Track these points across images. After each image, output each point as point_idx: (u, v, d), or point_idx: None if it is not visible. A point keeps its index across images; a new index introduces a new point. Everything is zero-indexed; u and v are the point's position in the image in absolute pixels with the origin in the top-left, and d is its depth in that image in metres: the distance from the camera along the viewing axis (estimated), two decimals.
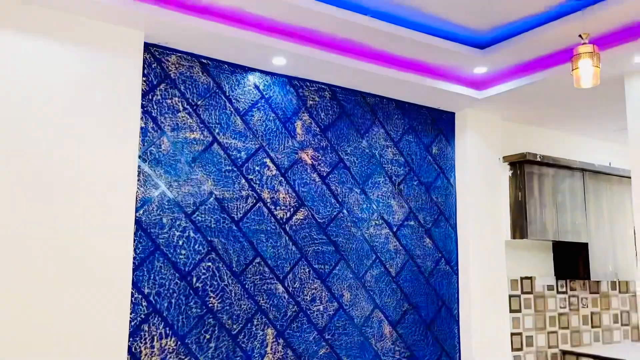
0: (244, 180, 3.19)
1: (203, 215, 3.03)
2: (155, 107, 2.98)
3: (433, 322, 3.80)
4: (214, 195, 3.08)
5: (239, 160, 3.19)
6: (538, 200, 4.15)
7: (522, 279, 4.37)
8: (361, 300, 3.51)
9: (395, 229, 3.72)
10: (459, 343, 3.90)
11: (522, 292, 4.36)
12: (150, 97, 2.98)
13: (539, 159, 4.12)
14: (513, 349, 4.18)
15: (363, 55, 3.33)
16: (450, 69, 3.60)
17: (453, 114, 4.14)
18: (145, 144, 2.92)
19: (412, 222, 3.81)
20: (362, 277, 3.53)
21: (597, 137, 4.89)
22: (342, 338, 3.39)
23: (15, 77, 2.52)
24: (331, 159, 3.52)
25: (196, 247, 2.99)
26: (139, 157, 2.87)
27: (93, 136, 2.68)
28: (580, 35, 2.82)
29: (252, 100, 3.28)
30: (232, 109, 3.20)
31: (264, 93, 3.34)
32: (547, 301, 4.50)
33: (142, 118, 2.91)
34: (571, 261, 4.48)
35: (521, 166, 4.15)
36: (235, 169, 3.17)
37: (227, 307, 3.04)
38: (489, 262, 3.99)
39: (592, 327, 4.78)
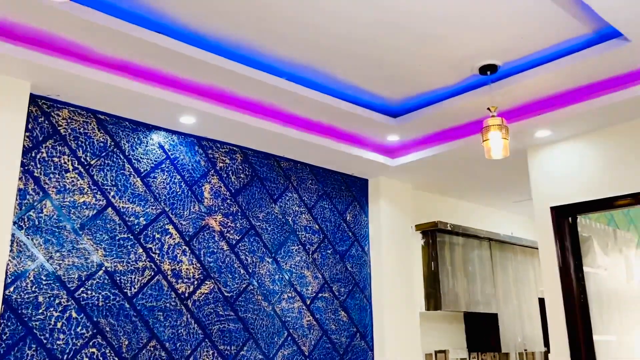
0: (141, 250, 2.83)
1: (89, 292, 2.61)
2: (38, 166, 2.59)
3: None
4: (103, 268, 2.68)
5: (137, 226, 2.84)
6: (450, 270, 4.12)
7: (436, 352, 4.29)
8: None
9: (308, 302, 3.49)
10: None
11: None
12: (33, 155, 2.59)
13: (449, 228, 4.14)
14: None
15: (277, 117, 3.19)
16: (363, 136, 3.57)
17: (366, 180, 4.09)
18: (23, 208, 2.50)
19: (326, 294, 3.60)
20: (273, 358, 3.22)
21: (501, 208, 5.04)
22: None
23: None
24: (241, 226, 3.28)
25: (78, 329, 2.54)
26: (14, 223, 2.43)
27: None
28: (488, 109, 2.85)
29: (155, 161, 2.99)
30: (131, 170, 2.88)
31: (170, 153, 3.06)
32: None
33: (21, 178, 2.50)
34: (482, 332, 4.48)
35: (433, 235, 4.13)
36: (131, 236, 2.81)
37: None
38: (404, 336, 3.86)
39: None
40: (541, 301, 4.78)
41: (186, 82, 2.77)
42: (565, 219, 3.14)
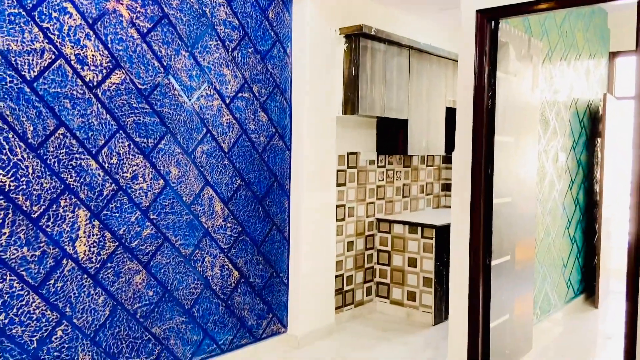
0: (37, 29, 2.48)
1: None
2: None
3: (265, 197, 3.72)
4: None
5: (29, 3, 2.43)
6: (369, 76, 4.11)
7: (348, 154, 4.45)
8: (190, 177, 3.21)
9: (228, 101, 3.39)
10: (289, 217, 3.91)
11: (348, 167, 4.46)
12: None
13: (373, 33, 4.01)
14: (337, 220, 4.31)
15: None
16: None
17: None
18: None
19: (246, 94, 3.50)
20: (192, 152, 3.21)
21: (425, 16, 4.90)
22: (169, 217, 3.12)
23: None
24: (152, 13, 2.96)
25: None
26: None
27: None
28: None
29: None
30: None
31: None
32: (368, 175, 4.68)
33: None
34: (392, 137, 4.65)
35: (357, 39, 4.01)
36: (23, 12, 2.42)
37: (24, 187, 2.47)
38: (321, 138, 3.96)
39: (403, 197, 5.13)
40: (448, 110, 5.02)
41: None
42: (488, 23, 3.10)
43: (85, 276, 2.72)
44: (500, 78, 3.20)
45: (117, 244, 2.84)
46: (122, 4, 2.79)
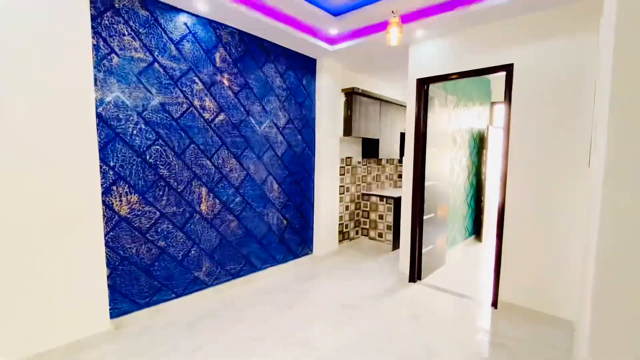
0: (179, 91, 2.56)
1: (151, 114, 2.41)
2: (103, 29, 2.14)
3: (300, 181, 3.71)
4: (157, 100, 2.43)
5: (175, 76, 2.53)
6: (358, 116, 4.08)
7: (346, 158, 4.41)
8: (260, 170, 3.24)
9: (281, 129, 3.40)
10: (313, 192, 3.90)
11: (346, 165, 4.42)
12: (98, 21, 2.11)
13: (360, 91, 3.99)
14: (340, 193, 4.29)
15: (261, 10, 2.73)
16: (315, 28, 3.16)
17: (315, 60, 3.74)
18: (98, 58, 2.12)
19: (290, 125, 3.51)
20: (261, 157, 3.23)
21: (390, 81, 4.86)
22: (249, 192, 3.16)
23: None
24: (240, 82, 2.99)
25: (147, 135, 2.40)
26: (94, 67, 2.08)
27: (50, 49, 1.84)
28: (392, 11, 2.54)
29: (182, 34, 2.55)
30: (167, 38, 2.46)
31: (192, 29, 2.60)
32: (357, 169, 4.64)
33: (93, 36, 2.08)
34: (370, 148, 4.60)
35: (351, 95, 3.99)
36: (172, 82, 2.51)
37: (174, 175, 2.57)
38: (331, 149, 3.93)
39: (376, 181, 5.10)
40: (401, 134, 4.96)
41: None
42: (422, 86, 3.09)
43: (206, 222, 2.81)
44: (430, 117, 3.19)
45: (222, 205, 2.92)
46: (224, 77, 2.86)
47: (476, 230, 4.83)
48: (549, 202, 2.49)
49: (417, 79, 3.09)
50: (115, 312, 2.31)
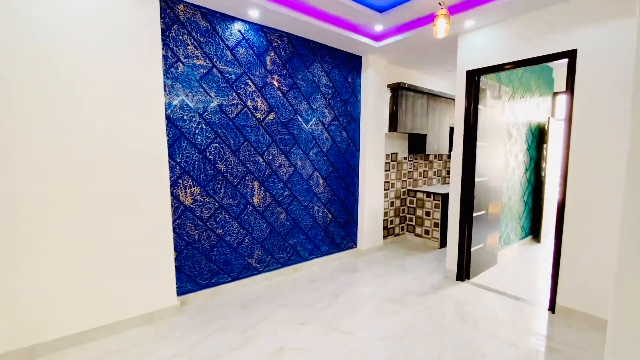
0: (234, 94, 2.77)
1: (210, 115, 2.64)
2: (171, 41, 2.40)
3: (345, 177, 3.76)
4: (215, 102, 2.65)
5: (230, 80, 2.73)
6: (404, 111, 4.00)
7: (391, 153, 4.35)
8: (307, 166, 3.35)
9: (326, 126, 3.48)
10: (358, 187, 3.92)
11: (391, 161, 4.37)
12: (167, 34, 2.38)
13: (407, 86, 3.90)
14: (385, 189, 4.27)
15: (308, 12, 2.81)
16: (361, 26, 3.15)
17: (361, 57, 3.73)
18: (167, 66, 2.39)
19: (336, 122, 3.57)
20: (308, 153, 3.35)
21: (437, 75, 4.67)
22: (296, 186, 3.28)
23: (74, 21, 1.87)
24: (289, 83, 3.12)
25: (207, 134, 2.63)
26: (163, 74, 2.35)
27: (129, 58, 2.13)
28: (439, 3, 2.46)
29: (237, 40, 2.74)
30: (224, 45, 2.66)
31: (245, 36, 2.79)
32: (403, 165, 4.55)
33: (163, 48, 2.34)
34: (417, 144, 4.47)
35: (396, 90, 3.92)
36: (228, 85, 2.72)
37: (230, 170, 2.79)
38: (376, 145, 3.91)
39: (424, 177, 4.95)
40: (451, 129, 4.75)
41: None
42: (473, 78, 2.94)
43: (257, 214, 2.99)
44: (481, 109, 3.02)
45: (272, 198, 3.08)
46: (274, 79, 3.00)
47: (534, 230, 4.45)
48: (613, 202, 2.22)
49: (467, 71, 2.93)
50: (181, 290, 2.61)
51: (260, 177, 2.98)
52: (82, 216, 2.04)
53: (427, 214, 4.38)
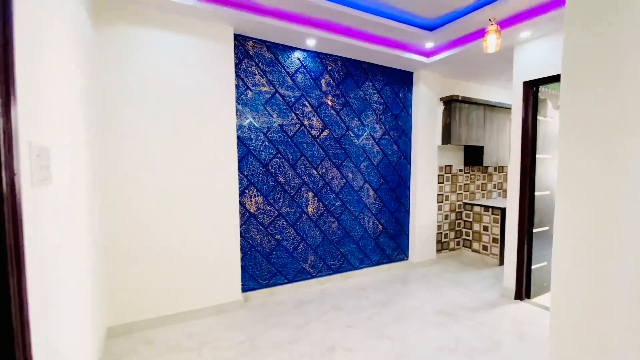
0: (293, 114, 3.06)
1: (272, 134, 2.96)
2: (242, 72, 2.80)
3: (396, 189, 3.79)
4: (277, 123, 2.98)
5: (290, 103, 3.04)
6: (458, 122, 3.92)
7: (445, 166, 4.26)
8: (358, 178, 3.48)
9: (377, 140, 3.59)
10: (409, 199, 3.91)
11: (445, 173, 4.27)
12: (239, 67, 2.79)
13: (460, 98, 3.83)
14: (438, 202, 4.18)
15: (360, 37, 3.01)
16: (411, 44, 3.25)
17: (412, 73, 3.79)
18: (238, 94, 2.79)
19: (386, 136, 3.66)
20: (359, 166, 3.48)
21: (494, 85, 4.48)
22: (347, 197, 3.43)
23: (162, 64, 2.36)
24: (342, 101, 3.32)
25: (270, 151, 2.95)
26: (236, 101, 2.75)
27: (211, 89, 2.56)
28: (489, 19, 2.46)
29: (296, 67, 3.05)
30: (285, 73, 2.99)
31: (303, 62, 3.09)
32: (458, 177, 4.41)
33: (235, 78, 2.75)
34: (474, 156, 4.32)
35: (449, 103, 3.87)
36: (288, 108, 3.03)
37: (288, 181, 3.07)
38: (428, 158, 3.88)
39: (482, 190, 4.71)
40: None
41: (310, 19, 2.69)
42: (531, 89, 2.82)
43: (311, 222, 3.19)
44: (541, 120, 2.87)
45: (325, 208, 3.27)
46: (328, 99, 3.23)
47: None
48: None
49: (524, 82, 2.84)
50: (244, 287, 2.93)
51: (314, 189, 3.19)
52: (172, 223, 2.48)
53: (485, 228, 4.16)
